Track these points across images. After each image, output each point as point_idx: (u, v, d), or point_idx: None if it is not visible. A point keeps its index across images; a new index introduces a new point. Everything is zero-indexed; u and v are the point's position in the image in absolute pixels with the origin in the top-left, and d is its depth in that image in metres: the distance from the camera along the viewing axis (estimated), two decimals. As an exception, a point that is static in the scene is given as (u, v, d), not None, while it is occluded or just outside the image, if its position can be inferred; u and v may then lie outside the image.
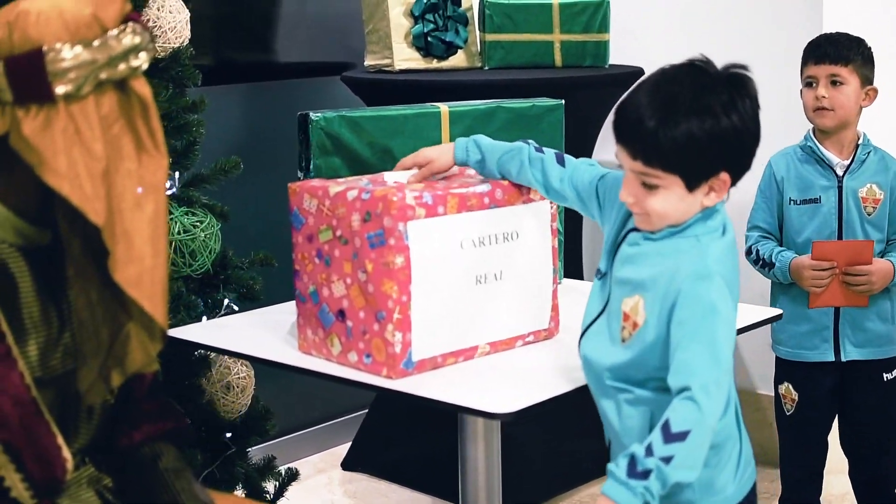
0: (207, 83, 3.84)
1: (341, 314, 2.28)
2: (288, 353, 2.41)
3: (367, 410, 4.14)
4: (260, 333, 2.55)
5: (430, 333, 2.22)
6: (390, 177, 2.38)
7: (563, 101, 2.80)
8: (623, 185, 1.98)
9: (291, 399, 4.05)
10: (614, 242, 2.08)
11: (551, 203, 2.37)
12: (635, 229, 2.03)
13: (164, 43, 2.79)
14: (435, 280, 2.21)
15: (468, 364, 2.29)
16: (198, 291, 2.88)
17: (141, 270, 1.81)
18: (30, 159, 1.80)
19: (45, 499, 1.95)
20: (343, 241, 2.24)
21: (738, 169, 1.96)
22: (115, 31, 1.80)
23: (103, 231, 1.79)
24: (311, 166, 2.63)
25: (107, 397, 1.96)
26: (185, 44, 2.86)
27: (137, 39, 1.81)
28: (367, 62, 3.79)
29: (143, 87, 1.83)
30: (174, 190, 2.84)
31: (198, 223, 2.82)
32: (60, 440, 1.94)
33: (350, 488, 3.98)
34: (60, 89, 1.77)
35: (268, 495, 3.09)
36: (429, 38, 3.65)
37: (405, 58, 3.67)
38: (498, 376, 2.24)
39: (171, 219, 2.78)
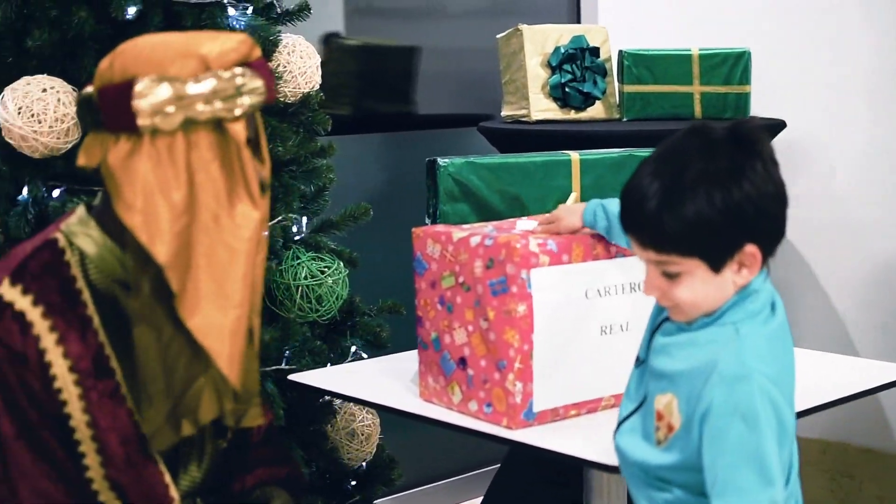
0: (347, 132, 3.89)
1: (462, 362, 2.24)
2: (409, 401, 2.38)
3: (499, 465, 4.08)
4: (383, 380, 2.53)
5: (552, 384, 2.17)
6: (521, 224, 2.34)
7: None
8: (644, 277, 1.76)
9: (421, 450, 4.02)
10: (651, 328, 1.87)
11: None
12: (670, 318, 1.81)
13: (293, 88, 2.81)
14: (558, 329, 2.16)
15: (591, 417, 2.24)
16: (324, 337, 2.87)
17: (212, 321, 1.79)
18: (110, 188, 1.80)
19: None
20: (465, 287, 2.21)
21: (766, 238, 1.70)
22: (218, 72, 1.79)
23: (168, 271, 1.78)
24: (439, 212, 2.61)
25: (174, 442, 1.92)
26: (314, 89, 2.87)
27: (240, 82, 1.80)
28: (504, 112, 3.77)
29: (238, 133, 1.80)
30: (302, 235, 2.84)
31: (325, 269, 2.81)
32: (168, 479, 1.94)
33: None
34: (145, 122, 1.77)
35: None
36: (566, 89, 3.62)
37: (542, 108, 3.63)
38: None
39: (298, 263, 2.78)
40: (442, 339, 2.29)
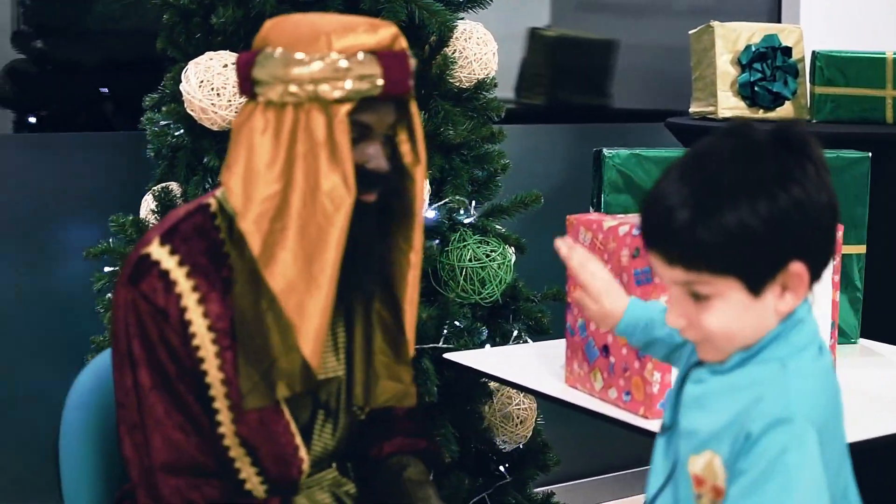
0: (539, 121, 3.94)
1: (605, 349, 2.26)
2: (553, 385, 2.41)
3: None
4: (535, 364, 2.57)
5: (690, 376, 2.17)
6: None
7: (870, 154, 2.68)
8: (668, 306, 1.55)
9: (588, 443, 4.04)
10: (678, 385, 1.63)
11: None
12: (700, 363, 1.58)
13: (468, 73, 2.86)
14: (699, 322, 2.15)
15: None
16: (486, 320, 2.91)
17: (298, 297, 1.87)
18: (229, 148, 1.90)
19: (277, 495, 2.02)
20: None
21: (814, 256, 1.49)
22: (331, 55, 1.85)
23: (249, 235, 1.87)
24: (602, 203, 2.63)
25: (270, 403, 1.97)
26: (490, 76, 2.91)
27: (345, 65, 1.84)
28: (692, 109, 3.74)
29: (338, 114, 1.85)
30: (472, 219, 2.89)
31: (491, 252, 2.85)
32: (298, 440, 2.01)
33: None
34: (259, 89, 1.88)
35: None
36: (755, 88, 3.57)
37: (730, 106, 3.60)
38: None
39: (464, 246, 2.83)
40: (587, 325, 2.31)
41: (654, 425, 2.13)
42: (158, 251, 1.94)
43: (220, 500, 1.95)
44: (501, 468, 2.97)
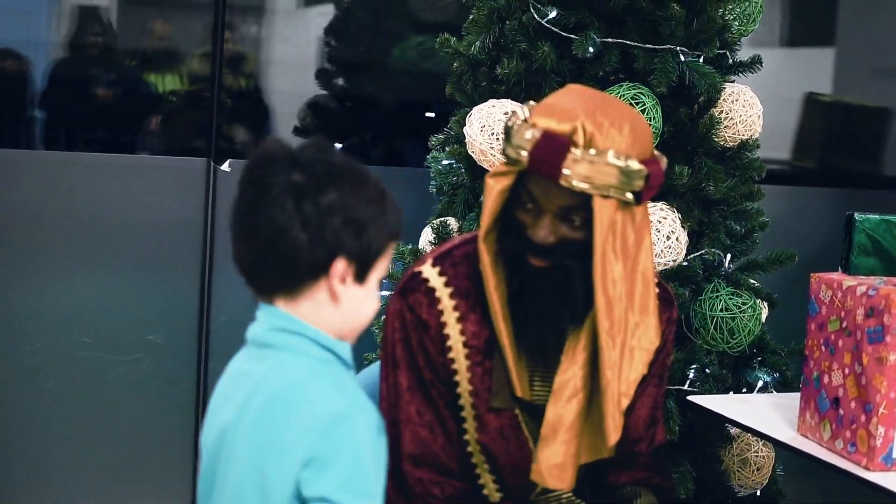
0: (806, 183, 4.05)
1: (836, 402, 2.39)
2: (786, 433, 2.54)
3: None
4: (773, 413, 2.70)
5: (914, 434, 2.27)
6: (910, 280, 2.45)
7: None
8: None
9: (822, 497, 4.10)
10: None
11: None
12: None
13: (733, 133, 3.02)
14: (927, 383, 2.26)
15: (952, 473, 2.32)
16: (732, 368, 3.06)
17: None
18: None
19: (511, 501, 2.23)
20: (847, 332, 2.36)
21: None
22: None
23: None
24: (850, 265, 2.74)
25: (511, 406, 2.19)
26: (753, 137, 3.06)
27: (516, 133, 2.04)
28: (961, 181, 3.79)
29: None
30: (726, 271, 3.04)
31: (742, 304, 2.99)
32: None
33: None
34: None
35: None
36: None
37: None
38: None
39: (717, 296, 2.98)
40: (822, 378, 2.44)
41: (874, 476, 2.25)
42: (429, 271, 2.20)
43: (459, 498, 2.18)
44: (737, 511, 3.10)
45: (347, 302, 1.77)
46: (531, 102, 2.16)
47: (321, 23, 4.06)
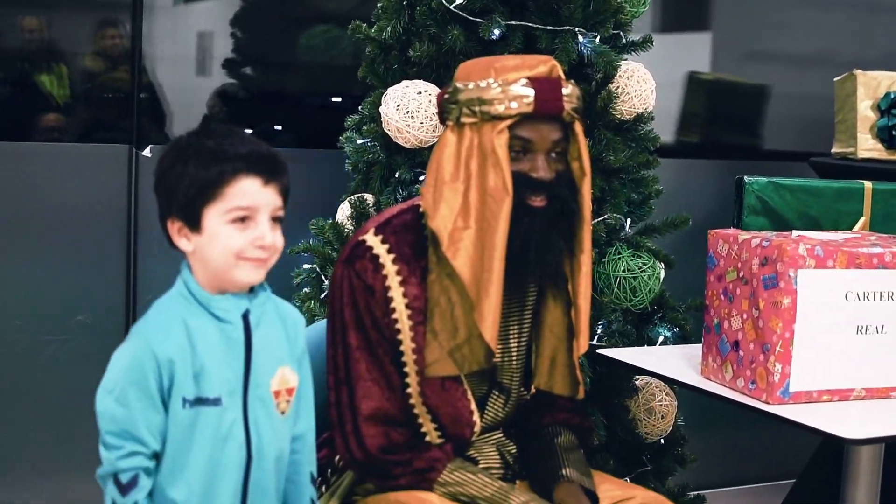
0: (694, 155, 4.31)
1: (736, 345, 2.63)
2: (691, 376, 2.78)
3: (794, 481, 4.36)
4: (676, 361, 2.93)
5: (807, 369, 2.52)
6: (797, 233, 2.70)
7: None
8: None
9: (730, 454, 4.36)
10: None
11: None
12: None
13: (629, 107, 3.25)
14: (817, 323, 2.51)
15: (843, 403, 2.57)
16: (635, 324, 3.29)
17: (474, 273, 2.30)
18: None
19: (449, 444, 2.44)
20: (744, 281, 2.60)
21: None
22: (488, 81, 2.30)
23: (433, 222, 2.32)
24: (742, 224, 2.99)
25: (454, 373, 2.39)
26: (648, 110, 3.30)
27: (497, 91, 2.29)
28: (834, 150, 4.07)
29: (494, 130, 2.29)
30: (626, 235, 3.28)
31: (643, 265, 3.23)
32: (473, 407, 2.43)
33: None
34: (445, 116, 2.36)
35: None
36: (893, 132, 3.89)
37: (868, 147, 3.92)
38: (870, 414, 2.50)
39: (619, 258, 3.21)
40: (722, 324, 2.68)
41: (774, 409, 2.50)
42: (372, 239, 2.40)
43: (405, 444, 2.38)
44: (643, 457, 3.33)
45: (199, 251, 1.99)
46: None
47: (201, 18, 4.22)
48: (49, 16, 3.97)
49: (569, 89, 2.35)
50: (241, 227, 1.96)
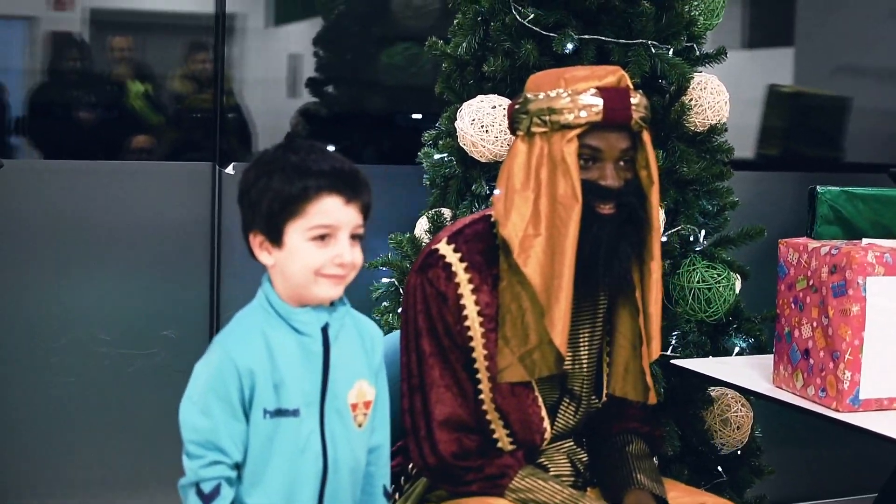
0: (774, 168, 4.31)
1: (806, 353, 2.64)
2: (762, 385, 2.79)
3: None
4: (750, 371, 2.95)
5: (877, 377, 2.53)
6: (867, 241, 2.70)
7: None
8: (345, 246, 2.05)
9: (809, 467, 4.35)
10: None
11: None
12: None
13: (702, 119, 3.27)
14: (887, 330, 2.52)
15: (914, 411, 2.57)
16: (710, 335, 3.31)
17: (546, 280, 2.34)
18: None
19: (520, 450, 2.48)
20: (813, 289, 2.61)
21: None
22: (558, 91, 2.35)
23: (504, 230, 2.37)
24: (814, 234, 2.99)
25: (525, 378, 2.43)
26: (722, 122, 3.32)
27: (566, 101, 2.33)
28: (915, 160, 4.06)
29: (564, 138, 2.33)
30: (701, 246, 3.29)
31: (717, 276, 3.25)
32: (544, 414, 2.47)
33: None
34: (516, 126, 2.41)
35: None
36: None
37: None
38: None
39: (694, 269, 3.23)
40: (793, 333, 2.70)
41: (844, 416, 2.51)
42: (445, 248, 2.45)
43: (479, 448, 2.43)
44: (719, 468, 3.34)
45: (279, 265, 2.02)
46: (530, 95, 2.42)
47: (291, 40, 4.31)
48: (140, 37, 4.09)
49: (637, 99, 2.39)
50: (321, 244, 1.99)
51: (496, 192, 2.43)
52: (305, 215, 1.98)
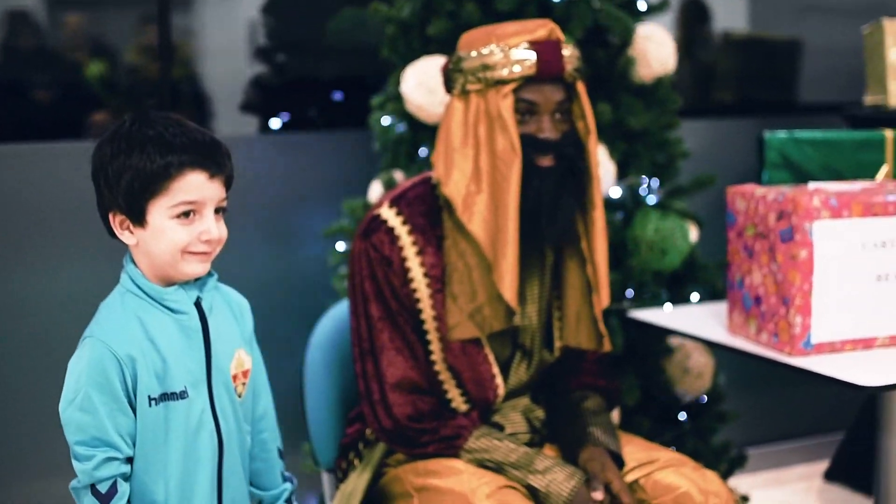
0: (726, 115, 4.31)
1: (758, 300, 2.65)
2: (718, 333, 2.80)
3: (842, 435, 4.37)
4: (707, 319, 2.96)
5: (828, 320, 2.54)
6: (813, 185, 2.71)
7: None
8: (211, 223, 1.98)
9: (775, 410, 4.38)
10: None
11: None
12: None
13: (648, 71, 3.27)
14: (835, 273, 2.53)
15: (867, 352, 2.58)
16: (667, 285, 3.32)
17: (490, 234, 2.37)
18: None
19: (475, 410, 2.49)
20: (762, 236, 2.62)
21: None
22: (491, 47, 2.36)
23: (445, 188, 2.40)
24: (764, 180, 3.00)
25: (475, 335, 2.44)
26: (668, 72, 3.32)
27: (498, 56, 2.34)
28: (865, 100, 4.05)
29: (499, 94, 2.34)
30: (655, 198, 3.30)
31: (671, 226, 3.25)
32: (496, 370, 2.48)
33: (828, 497, 4.23)
34: (451, 85, 2.43)
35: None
36: (923, 78, 3.87)
37: (899, 96, 3.90)
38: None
39: (647, 220, 3.23)
40: (744, 280, 2.71)
41: (797, 361, 2.52)
42: (387, 212, 2.45)
43: (433, 411, 2.43)
44: (682, 417, 3.35)
45: (143, 244, 1.95)
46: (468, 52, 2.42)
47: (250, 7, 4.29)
48: (94, 13, 4.06)
49: (569, 51, 2.40)
50: (186, 221, 1.92)
51: (434, 151, 2.45)
52: (168, 193, 1.91)
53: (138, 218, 1.93)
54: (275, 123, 4.16)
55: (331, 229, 3.45)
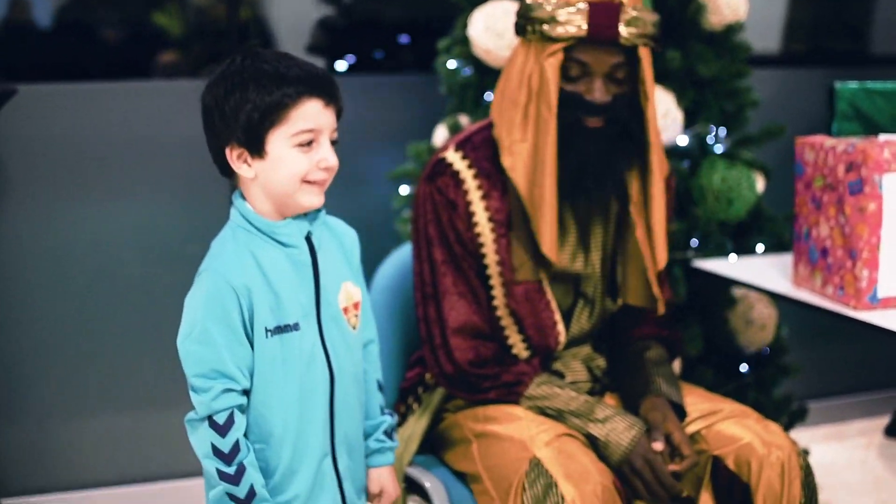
0: (794, 65, 4.25)
1: (824, 252, 2.62)
2: (784, 285, 2.78)
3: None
4: (770, 270, 2.93)
5: (896, 274, 2.51)
6: (884, 136, 2.67)
7: None
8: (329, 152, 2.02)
9: (839, 364, 4.35)
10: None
11: None
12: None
13: (719, 18, 3.22)
14: (905, 227, 2.49)
15: (934, 308, 2.55)
16: (732, 235, 3.29)
17: (526, 192, 2.38)
18: None
19: (536, 357, 2.49)
20: (831, 188, 2.58)
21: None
22: (557, 5, 2.31)
23: (499, 143, 2.42)
24: (833, 131, 2.96)
25: (535, 278, 2.45)
26: (739, 21, 3.27)
27: (550, 12, 2.31)
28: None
29: (547, 49, 2.32)
30: (722, 147, 3.26)
31: (738, 176, 3.21)
32: (558, 317, 2.47)
33: (889, 452, 4.20)
34: (518, 31, 2.41)
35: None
36: None
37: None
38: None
39: (714, 170, 3.20)
40: (811, 232, 2.68)
41: (862, 315, 2.49)
42: (453, 156, 2.45)
43: (495, 356, 2.44)
44: (744, 368, 3.33)
45: (261, 176, 1.96)
46: None
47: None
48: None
49: (631, 14, 2.33)
50: (305, 150, 1.96)
51: (495, 91, 2.45)
52: (288, 121, 1.94)
53: (258, 149, 1.95)
54: (341, 66, 4.14)
55: (395, 172, 3.45)
